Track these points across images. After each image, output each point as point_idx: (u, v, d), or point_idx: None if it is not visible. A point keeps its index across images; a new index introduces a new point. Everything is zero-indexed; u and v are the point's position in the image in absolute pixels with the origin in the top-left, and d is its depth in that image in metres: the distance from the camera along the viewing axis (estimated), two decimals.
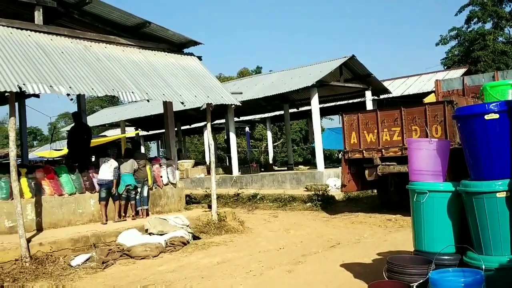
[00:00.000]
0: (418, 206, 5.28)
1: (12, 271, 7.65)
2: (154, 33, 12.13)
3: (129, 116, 27.06)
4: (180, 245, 9.30)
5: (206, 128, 29.05)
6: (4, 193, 9.37)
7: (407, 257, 5.38)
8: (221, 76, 45.60)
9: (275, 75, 23.03)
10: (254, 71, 52.33)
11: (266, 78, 23.45)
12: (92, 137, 13.27)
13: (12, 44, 9.35)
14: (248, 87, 22.15)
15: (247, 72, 49.95)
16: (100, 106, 49.53)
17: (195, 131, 36.30)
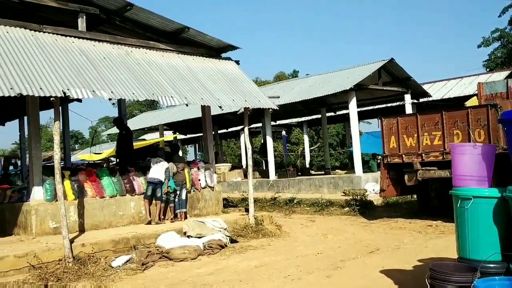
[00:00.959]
0: (462, 212, 5.14)
1: (56, 271, 7.85)
2: (192, 38, 12.29)
3: (167, 120, 27.46)
4: (218, 248, 9.36)
5: (243, 132, 29.27)
6: (48, 194, 9.66)
7: (451, 264, 5.24)
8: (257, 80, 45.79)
9: (312, 79, 22.94)
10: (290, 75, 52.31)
11: (303, 81, 23.39)
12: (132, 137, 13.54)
13: (57, 51, 9.65)
14: (285, 91, 22.13)
15: (284, 76, 49.98)
16: (139, 111, 50.44)
17: (232, 135, 36.51)
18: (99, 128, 58.19)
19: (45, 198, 9.68)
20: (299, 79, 26.91)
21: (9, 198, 10.72)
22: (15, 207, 10.12)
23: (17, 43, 9.26)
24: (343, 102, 21.50)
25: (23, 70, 8.59)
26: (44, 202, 9.64)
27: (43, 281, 7.38)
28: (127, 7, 10.82)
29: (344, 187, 16.96)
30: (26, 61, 8.87)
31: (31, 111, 10.01)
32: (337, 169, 24.80)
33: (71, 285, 7.27)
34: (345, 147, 34.86)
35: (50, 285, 7.30)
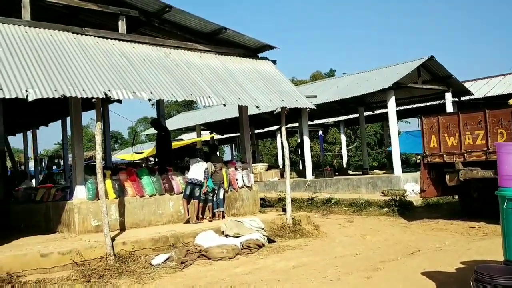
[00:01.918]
0: (508, 213, 4.98)
1: (98, 268, 8.03)
2: (230, 38, 12.35)
3: (204, 120, 27.71)
4: (255, 247, 9.38)
5: (279, 132, 29.25)
6: (91, 193, 9.90)
7: (497, 267, 5.08)
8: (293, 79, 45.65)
9: (349, 78, 22.71)
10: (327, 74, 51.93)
11: (340, 80, 23.18)
12: (170, 138, 13.74)
13: (99, 53, 9.88)
14: (322, 90, 21.98)
15: (320, 75, 49.67)
16: (176, 111, 51.11)
17: (268, 135, 36.53)
18: (137, 128, 59.28)
19: (87, 197, 9.92)
20: (336, 78, 26.68)
21: (53, 196, 11.04)
22: (59, 205, 10.41)
23: (60, 46, 9.53)
24: (382, 101, 21.20)
25: (66, 72, 8.84)
26: (86, 201, 9.89)
27: (86, 278, 7.56)
28: (166, 9, 10.97)
29: (383, 187, 16.71)
30: (69, 63, 9.12)
31: (74, 112, 10.28)
32: (375, 169, 24.47)
33: (113, 282, 7.42)
34: (383, 147, 34.35)
35: (93, 282, 7.46)
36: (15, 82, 8.02)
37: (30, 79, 8.25)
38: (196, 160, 11.25)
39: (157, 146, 13.24)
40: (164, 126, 13.62)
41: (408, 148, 25.43)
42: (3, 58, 8.41)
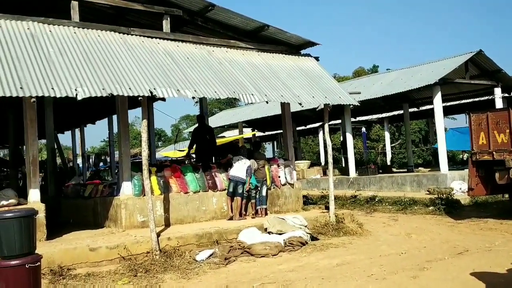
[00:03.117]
0: None
1: (144, 263, 8.20)
2: (272, 36, 12.34)
3: (246, 118, 27.84)
4: (298, 245, 9.36)
5: (321, 129, 29.06)
6: (137, 190, 10.12)
7: None
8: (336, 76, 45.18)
9: (393, 74, 22.30)
10: (370, 70, 51.16)
11: (384, 76, 22.80)
12: (215, 138, 13.87)
13: (144, 52, 10.08)
14: (365, 86, 21.70)
15: (363, 71, 48.97)
16: (218, 108, 51.58)
17: (310, 132, 36.31)
18: (180, 126, 60.15)
19: (133, 193, 10.14)
20: (380, 74, 26.22)
21: (101, 192, 11.35)
22: (106, 201, 10.70)
23: (107, 45, 9.78)
24: (427, 97, 20.74)
25: (114, 71, 9.07)
26: (132, 197, 10.12)
27: (133, 272, 7.74)
28: (209, 7, 11.06)
29: (429, 185, 16.33)
30: (116, 62, 9.35)
31: (120, 110, 10.52)
32: (420, 166, 23.92)
33: (158, 277, 7.57)
34: (428, 144, 33.54)
35: (139, 276, 7.64)
36: (65, 82, 8.29)
37: (79, 78, 8.51)
38: (239, 157, 11.32)
39: (199, 143, 13.35)
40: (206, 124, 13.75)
41: (454, 145, 24.74)
42: (54, 59, 8.72)
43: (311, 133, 37.67)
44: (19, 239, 5.17)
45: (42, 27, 9.41)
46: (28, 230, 5.28)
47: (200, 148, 13.02)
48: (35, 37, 9.06)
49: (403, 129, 32.79)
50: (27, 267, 5.11)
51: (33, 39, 8.99)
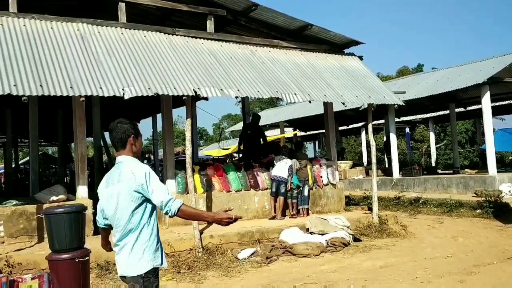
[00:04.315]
0: None
1: (187, 260, 8.33)
2: (315, 35, 12.27)
3: (288, 117, 27.79)
4: (341, 246, 9.28)
5: (363, 129, 28.69)
6: (180, 187, 10.28)
7: None
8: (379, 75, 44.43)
9: (439, 73, 21.76)
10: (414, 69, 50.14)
11: (430, 76, 22.27)
12: (264, 137, 13.84)
13: (189, 52, 10.22)
14: (410, 86, 21.25)
15: (407, 70, 48.06)
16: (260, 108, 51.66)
17: (352, 132, 35.91)
18: (222, 125, 60.68)
19: (177, 191, 10.31)
20: (425, 73, 25.66)
21: None
22: None
23: (153, 46, 9.98)
24: (475, 97, 20.14)
25: (159, 71, 9.24)
26: (176, 194, 10.27)
27: (176, 269, 7.88)
28: (253, 7, 11.10)
29: (476, 188, 15.82)
30: (161, 62, 9.53)
31: (165, 109, 10.71)
32: (466, 168, 23.24)
33: (201, 274, 7.67)
34: (475, 145, 32.57)
35: (182, 272, 7.76)
36: (112, 81, 8.51)
37: (126, 78, 8.72)
38: (281, 157, 11.32)
39: (246, 141, 13.44)
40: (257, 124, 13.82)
41: (503, 147, 23.85)
42: (102, 59, 8.96)
43: (353, 133, 37.23)
44: (69, 234, 5.35)
45: (91, 28, 9.69)
46: (78, 225, 5.45)
47: (247, 147, 13.11)
48: (85, 38, 9.34)
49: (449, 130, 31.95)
50: (76, 261, 5.28)
51: (83, 40, 9.27)
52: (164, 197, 3.44)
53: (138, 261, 3.49)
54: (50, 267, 5.38)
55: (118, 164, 3.64)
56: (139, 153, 3.73)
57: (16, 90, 7.56)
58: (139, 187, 3.45)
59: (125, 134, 3.64)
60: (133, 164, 3.56)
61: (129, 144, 3.64)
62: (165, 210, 3.44)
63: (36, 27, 9.10)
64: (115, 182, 3.56)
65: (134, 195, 3.48)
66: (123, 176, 3.52)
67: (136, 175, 3.47)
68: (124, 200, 3.50)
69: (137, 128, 3.72)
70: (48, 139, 26.61)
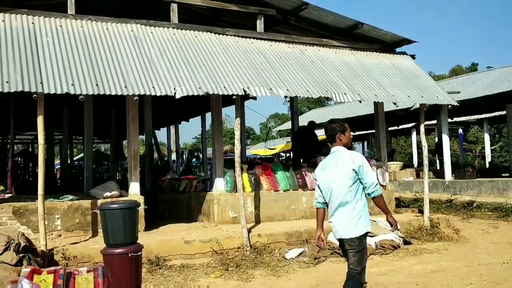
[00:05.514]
0: None
1: (235, 258, 8.39)
2: (366, 33, 12.10)
3: (336, 117, 27.47)
4: (390, 248, 9.10)
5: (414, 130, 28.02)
6: (229, 186, 10.38)
7: None
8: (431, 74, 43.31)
9: (496, 72, 21.01)
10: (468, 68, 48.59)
11: (485, 75, 21.55)
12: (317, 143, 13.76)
13: (238, 52, 10.30)
14: (464, 85, 20.63)
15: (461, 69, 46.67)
16: (307, 107, 51.47)
17: (402, 132, 35.17)
18: (269, 124, 60.82)
19: (225, 189, 10.40)
20: (480, 72, 24.81)
21: (194, 187, 11.76)
22: (200, 196, 11.07)
23: (204, 46, 10.12)
24: None
25: (209, 70, 9.37)
26: (224, 193, 10.38)
27: (224, 266, 7.94)
28: (303, 6, 11.06)
29: None
30: (212, 62, 9.65)
31: (215, 109, 10.83)
32: None
33: (249, 272, 7.70)
34: None
35: (230, 270, 7.82)
36: (164, 81, 8.70)
37: (177, 77, 8.89)
38: (321, 158, 11.20)
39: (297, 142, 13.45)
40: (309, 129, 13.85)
41: None
42: (155, 59, 9.17)
43: (403, 134, 36.46)
44: (123, 229, 5.50)
45: (144, 29, 9.93)
46: (131, 220, 5.60)
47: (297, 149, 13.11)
48: (138, 39, 9.59)
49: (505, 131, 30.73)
50: (129, 255, 5.42)
51: (136, 41, 9.52)
52: (374, 180, 4.72)
53: (355, 226, 4.72)
54: (105, 261, 5.56)
55: (334, 153, 4.81)
56: (348, 144, 4.86)
57: (73, 89, 7.86)
58: (357, 169, 4.59)
59: (333, 132, 4.82)
60: (349, 152, 4.77)
61: (337, 139, 4.81)
62: (372, 190, 4.69)
63: (92, 28, 9.41)
64: (333, 166, 4.73)
65: (351, 175, 4.60)
66: (342, 161, 4.67)
67: (355, 160, 4.62)
68: (343, 179, 4.63)
69: (343, 126, 4.85)
70: (101, 137, 27.48)
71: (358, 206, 4.68)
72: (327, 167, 4.79)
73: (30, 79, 7.74)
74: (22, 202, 8.72)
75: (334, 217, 4.82)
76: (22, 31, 8.70)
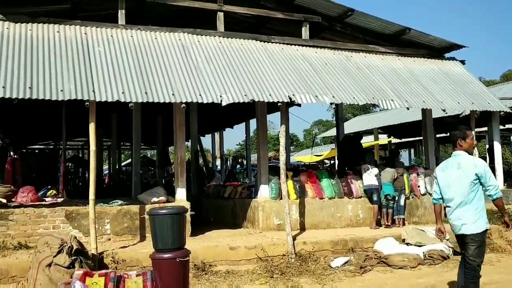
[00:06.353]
0: None
1: (280, 265, 8.36)
2: (413, 39, 11.91)
3: (382, 124, 27.07)
4: (439, 259, 8.87)
5: None
6: (273, 193, 10.38)
7: None
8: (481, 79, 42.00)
9: None
10: None
11: None
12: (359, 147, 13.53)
13: (283, 59, 10.34)
14: None
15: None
16: (352, 114, 50.87)
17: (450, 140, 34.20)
18: (313, 131, 60.49)
19: (270, 196, 10.41)
20: None
21: (239, 194, 11.83)
22: (245, 202, 11.13)
23: (249, 53, 10.21)
24: None
25: (255, 77, 9.44)
26: (269, 200, 10.38)
27: (269, 273, 7.92)
28: (348, 12, 11.00)
29: None
30: (257, 69, 9.73)
31: (260, 116, 10.89)
32: None
33: (294, 280, 7.66)
34: None
35: (275, 277, 7.80)
36: (211, 88, 8.83)
37: (223, 85, 9.01)
38: (366, 166, 11.04)
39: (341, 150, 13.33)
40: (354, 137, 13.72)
41: None
42: (201, 67, 9.33)
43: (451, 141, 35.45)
44: (171, 234, 5.60)
45: (191, 38, 10.12)
46: (179, 226, 5.69)
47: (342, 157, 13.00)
48: (185, 47, 9.78)
49: None
50: (177, 260, 5.51)
51: (183, 49, 9.71)
52: (496, 183, 5.21)
53: (477, 223, 5.14)
54: (153, 265, 5.67)
55: (455, 156, 5.37)
56: (469, 149, 5.38)
57: (124, 97, 8.09)
58: (479, 173, 5.09)
59: (454, 137, 5.40)
60: (471, 157, 5.36)
61: (458, 144, 5.36)
62: (493, 192, 5.14)
63: (141, 37, 9.67)
64: (454, 168, 5.28)
65: (473, 178, 5.10)
66: (464, 164, 5.21)
67: (477, 165, 5.16)
68: (464, 181, 5.15)
69: (464, 133, 5.37)
70: (148, 143, 28.06)
71: (479, 205, 5.16)
72: (447, 168, 5.37)
73: (83, 87, 8.02)
74: (74, 206, 9.01)
75: (454, 215, 5.29)
76: (76, 41, 9.04)
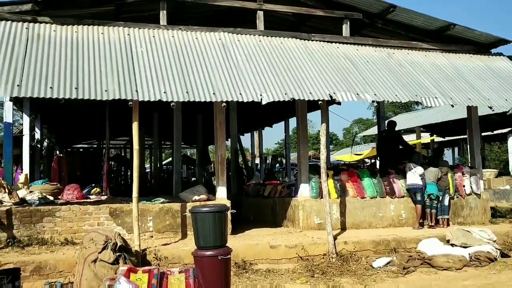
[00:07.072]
0: None
1: (321, 264, 8.30)
2: (458, 35, 11.59)
3: (425, 122, 26.53)
4: (486, 261, 8.59)
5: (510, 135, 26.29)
6: (314, 192, 10.31)
7: None
8: None
9: None
10: None
11: None
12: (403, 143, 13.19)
13: (324, 57, 10.25)
14: None
15: None
16: (393, 112, 50.00)
17: (497, 138, 33.11)
18: (352, 129, 59.83)
19: (310, 195, 10.35)
20: None
21: (279, 193, 11.81)
22: (285, 201, 11.10)
23: (289, 51, 10.17)
24: None
25: (295, 76, 9.40)
26: (309, 199, 10.32)
27: (310, 273, 7.89)
28: (390, 9, 10.79)
29: None
30: (297, 67, 9.68)
31: (300, 114, 10.83)
32: None
33: (335, 280, 7.60)
34: None
35: (316, 277, 7.75)
36: (251, 87, 8.85)
37: (263, 84, 9.00)
38: (410, 165, 10.82)
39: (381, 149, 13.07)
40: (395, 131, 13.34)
41: None
42: (242, 66, 9.36)
43: (497, 139, 34.31)
44: (213, 232, 5.64)
45: (231, 37, 10.17)
46: (221, 224, 5.73)
47: (383, 154, 12.73)
48: (225, 46, 9.83)
49: None
50: (219, 258, 5.55)
51: (224, 48, 9.77)
52: None
53: None
54: (196, 263, 5.72)
55: None
56: None
57: (166, 96, 8.21)
58: None
59: None
60: None
61: None
62: None
63: (182, 37, 9.79)
64: None
65: None
66: None
67: None
68: None
69: None
70: (188, 142, 28.42)
71: None
72: None
73: (126, 87, 8.18)
74: (117, 204, 9.22)
75: None
76: (119, 42, 9.24)
